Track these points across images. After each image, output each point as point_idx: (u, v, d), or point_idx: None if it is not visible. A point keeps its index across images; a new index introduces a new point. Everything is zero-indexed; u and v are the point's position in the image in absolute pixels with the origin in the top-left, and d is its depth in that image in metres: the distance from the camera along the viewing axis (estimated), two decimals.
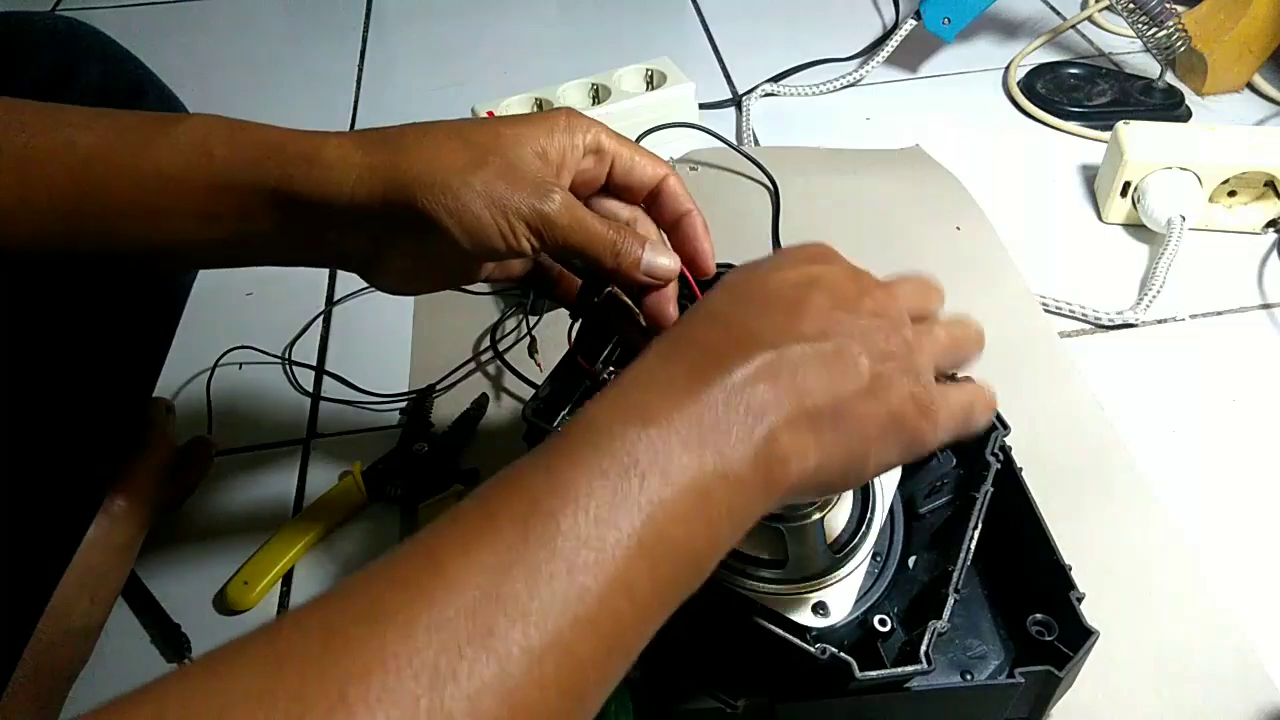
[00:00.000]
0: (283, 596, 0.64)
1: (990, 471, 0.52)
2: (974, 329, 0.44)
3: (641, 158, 0.45)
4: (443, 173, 0.39)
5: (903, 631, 0.48)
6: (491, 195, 0.39)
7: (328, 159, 0.39)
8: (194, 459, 0.69)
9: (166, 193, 0.39)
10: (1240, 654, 0.59)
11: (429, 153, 0.39)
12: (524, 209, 0.40)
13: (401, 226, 0.40)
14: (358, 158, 0.39)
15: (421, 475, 0.69)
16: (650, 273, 0.43)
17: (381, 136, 0.40)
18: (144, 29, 1.30)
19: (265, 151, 0.39)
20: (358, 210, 0.39)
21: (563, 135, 0.42)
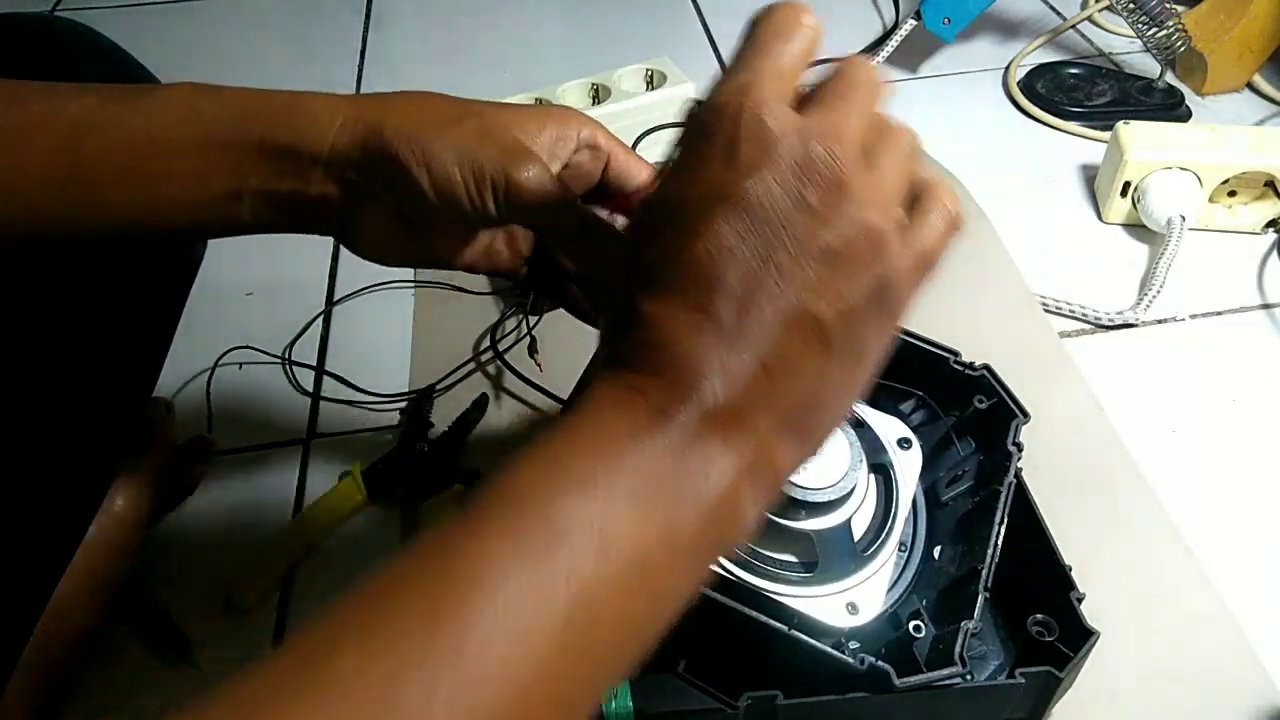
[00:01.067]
0: (282, 596, 0.64)
1: (1012, 463, 0.52)
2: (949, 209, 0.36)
3: (635, 162, 0.45)
4: (422, 125, 0.39)
5: (933, 627, 0.48)
6: (466, 150, 0.39)
7: (312, 108, 0.40)
8: (194, 459, 0.69)
9: (157, 154, 0.39)
10: (1240, 654, 0.59)
11: (413, 107, 0.40)
12: (496, 171, 0.39)
13: (377, 175, 0.40)
14: (343, 108, 0.40)
15: (421, 475, 0.69)
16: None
17: (371, 95, 0.42)
18: (144, 29, 1.30)
19: (252, 106, 0.40)
20: (337, 156, 0.40)
21: (555, 125, 0.43)
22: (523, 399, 0.76)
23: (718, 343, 0.29)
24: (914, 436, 0.54)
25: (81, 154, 0.39)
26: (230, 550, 0.66)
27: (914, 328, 0.58)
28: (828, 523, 0.49)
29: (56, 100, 0.40)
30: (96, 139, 0.39)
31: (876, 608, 0.48)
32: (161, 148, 0.39)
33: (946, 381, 0.57)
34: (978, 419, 0.56)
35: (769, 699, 0.46)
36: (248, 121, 0.40)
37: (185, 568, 0.65)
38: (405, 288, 0.86)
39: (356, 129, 0.40)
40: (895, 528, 0.50)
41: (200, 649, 0.61)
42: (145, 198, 0.40)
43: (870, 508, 0.51)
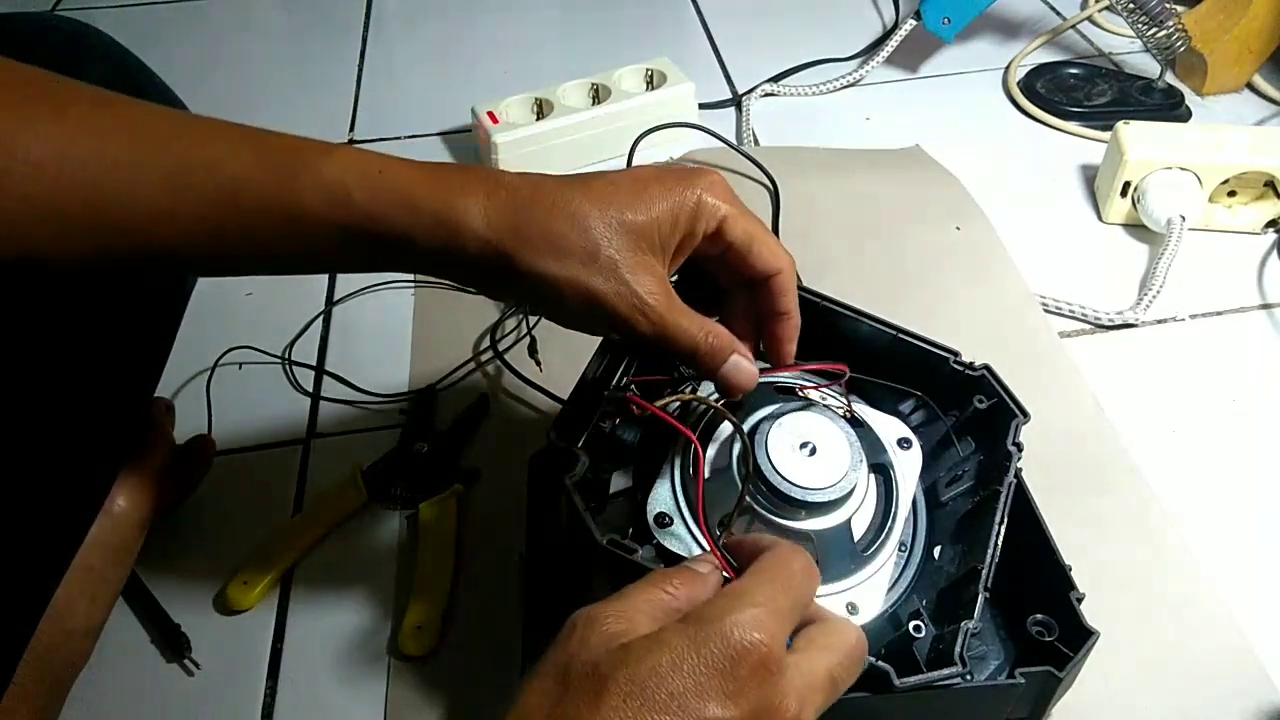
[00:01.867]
0: (282, 596, 0.64)
1: (1012, 463, 0.52)
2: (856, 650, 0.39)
3: (762, 248, 0.46)
4: (550, 276, 0.42)
5: (933, 627, 0.48)
6: (589, 303, 0.43)
7: (459, 225, 0.41)
8: (194, 459, 0.69)
9: (304, 232, 0.41)
10: (1240, 654, 0.59)
11: (548, 238, 0.42)
12: (625, 310, 0.43)
13: (521, 294, 0.44)
14: (484, 231, 0.42)
15: (421, 475, 0.69)
16: (728, 381, 0.47)
17: (510, 205, 0.42)
18: (144, 29, 1.30)
19: (401, 206, 0.41)
20: (479, 273, 0.43)
21: (688, 219, 0.44)
22: (523, 399, 0.76)
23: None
24: (914, 436, 0.54)
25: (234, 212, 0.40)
26: (230, 550, 0.66)
27: (914, 328, 0.58)
28: (828, 523, 0.49)
29: (221, 144, 0.40)
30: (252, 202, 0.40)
31: (876, 608, 0.48)
32: (308, 227, 0.41)
33: (946, 381, 0.57)
34: (978, 419, 0.56)
35: None
36: (395, 221, 0.41)
37: (185, 568, 0.65)
38: (405, 288, 0.86)
39: (498, 260, 0.42)
40: (895, 528, 0.50)
41: (200, 648, 0.61)
42: (286, 263, 0.43)
43: (870, 508, 0.51)
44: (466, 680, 0.59)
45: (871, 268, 0.85)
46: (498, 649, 0.59)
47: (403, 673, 0.59)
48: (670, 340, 0.44)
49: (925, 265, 0.85)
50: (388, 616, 0.62)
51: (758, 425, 0.50)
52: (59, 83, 0.40)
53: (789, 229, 0.88)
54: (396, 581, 0.64)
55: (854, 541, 0.49)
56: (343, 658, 0.61)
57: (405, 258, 0.43)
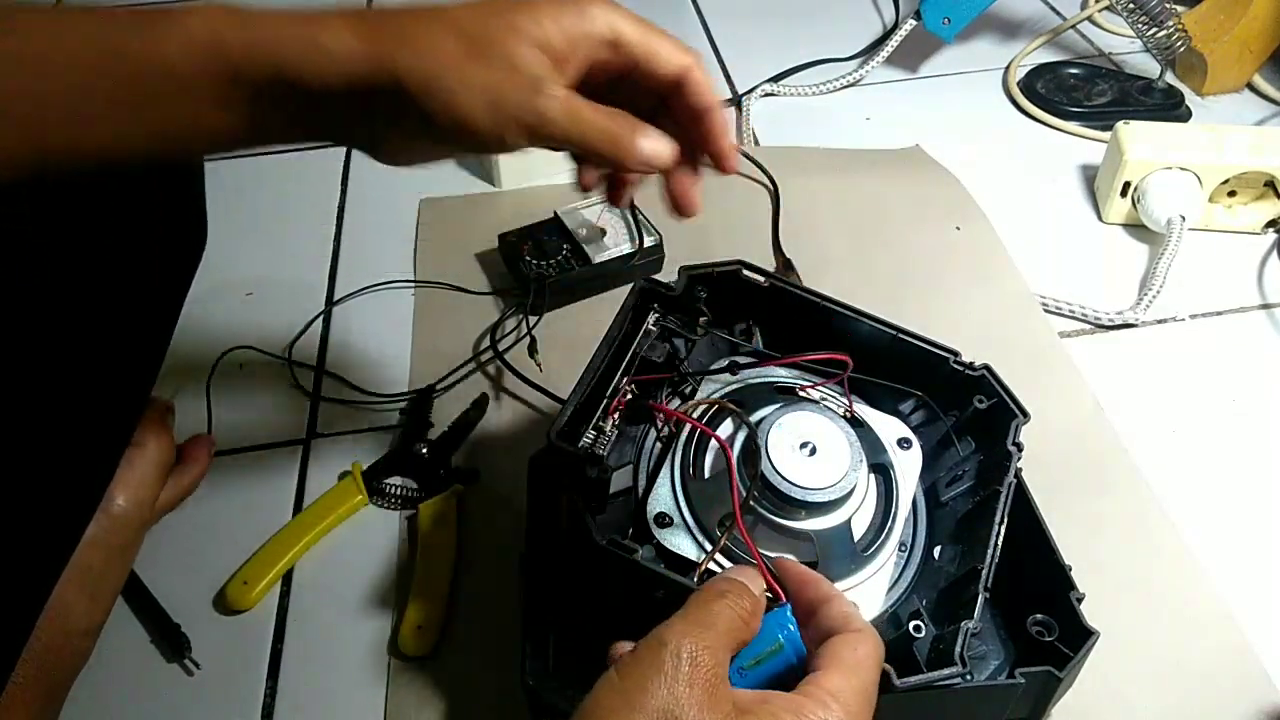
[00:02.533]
0: (282, 596, 0.64)
1: (1012, 463, 0.52)
2: None
3: (663, 47, 0.44)
4: (437, 65, 0.39)
5: (933, 627, 0.48)
6: (485, 94, 0.39)
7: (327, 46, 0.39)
8: (194, 458, 0.69)
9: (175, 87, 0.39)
10: (1240, 654, 0.59)
11: (426, 42, 0.40)
12: (514, 108, 0.40)
13: (398, 114, 0.40)
14: (355, 45, 0.39)
15: (421, 475, 0.69)
16: (648, 161, 0.43)
17: (382, 21, 0.40)
18: None
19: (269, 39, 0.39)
20: (356, 96, 0.40)
21: (573, 20, 0.42)
22: (523, 399, 0.76)
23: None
24: (914, 436, 0.54)
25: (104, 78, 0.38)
26: (230, 550, 0.66)
27: (914, 328, 0.58)
28: (828, 523, 0.49)
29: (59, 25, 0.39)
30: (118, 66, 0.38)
31: (876, 608, 0.48)
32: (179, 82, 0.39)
33: (946, 381, 0.57)
34: (978, 419, 0.56)
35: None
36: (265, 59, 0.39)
37: (185, 568, 0.65)
38: (405, 288, 0.86)
39: (374, 74, 0.39)
40: (895, 528, 0.50)
41: (200, 648, 0.61)
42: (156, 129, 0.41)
43: (870, 508, 0.51)
44: (466, 680, 0.59)
45: (871, 268, 0.85)
46: (498, 649, 0.59)
47: (403, 673, 0.59)
48: (580, 114, 0.41)
49: (925, 265, 0.85)
50: (388, 616, 0.62)
51: (758, 425, 0.50)
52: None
53: (789, 229, 0.88)
54: (396, 581, 0.64)
55: (854, 541, 0.49)
56: (343, 658, 0.61)
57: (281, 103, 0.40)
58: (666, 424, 0.53)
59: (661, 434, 0.54)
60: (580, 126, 0.41)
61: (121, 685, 0.60)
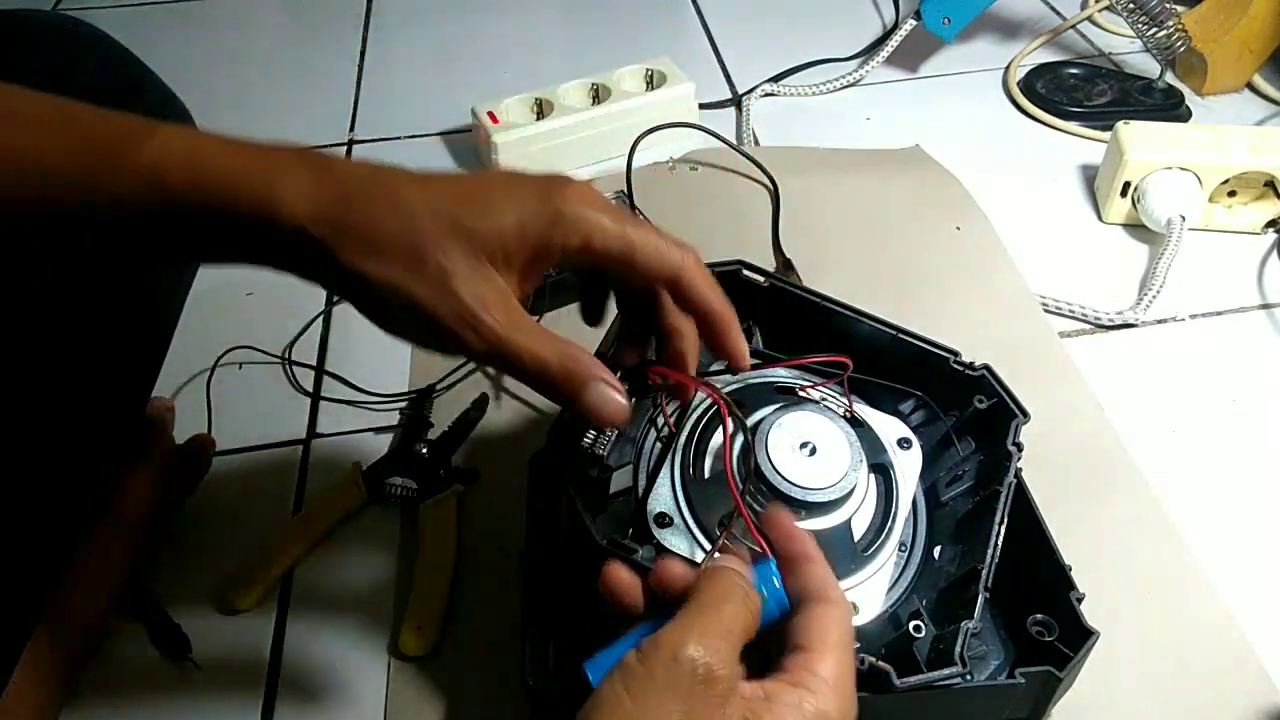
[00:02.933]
0: (283, 596, 0.64)
1: (1012, 463, 0.52)
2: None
3: (648, 251, 0.40)
4: (376, 269, 0.37)
5: (933, 627, 0.48)
6: (416, 316, 0.37)
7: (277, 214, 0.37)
8: (194, 458, 0.69)
9: (116, 216, 0.38)
10: (1240, 654, 0.59)
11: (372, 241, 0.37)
12: (446, 338, 0.38)
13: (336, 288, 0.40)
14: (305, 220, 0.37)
15: (421, 475, 0.69)
16: (593, 411, 0.40)
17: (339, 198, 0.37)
18: (144, 29, 1.30)
19: (219, 189, 0.37)
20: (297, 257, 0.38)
21: (538, 225, 0.38)
22: (523, 399, 0.76)
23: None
24: (914, 436, 0.54)
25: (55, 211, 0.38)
26: (230, 550, 0.66)
27: (914, 328, 0.58)
28: (828, 523, 0.49)
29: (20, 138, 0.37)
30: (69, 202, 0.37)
31: (876, 608, 0.48)
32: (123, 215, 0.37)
33: (946, 381, 0.57)
34: (978, 419, 0.56)
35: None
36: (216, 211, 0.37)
37: (185, 568, 0.65)
38: None
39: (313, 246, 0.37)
40: (895, 528, 0.50)
41: (200, 648, 0.61)
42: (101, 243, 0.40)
43: (870, 508, 0.51)
44: (466, 680, 0.59)
45: (871, 267, 0.85)
46: (498, 649, 0.59)
47: (403, 673, 0.59)
48: (511, 360, 0.38)
49: (925, 265, 0.85)
50: (388, 616, 0.62)
51: (758, 425, 0.50)
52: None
53: (789, 229, 0.88)
54: (396, 581, 0.64)
55: (854, 541, 0.49)
56: (343, 658, 0.61)
57: (223, 245, 0.39)
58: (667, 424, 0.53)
59: (661, 434, 0.54)
60: (514, 363, 0.38)
61: (121, 685, 0.60)
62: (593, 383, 0.39)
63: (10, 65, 0.54)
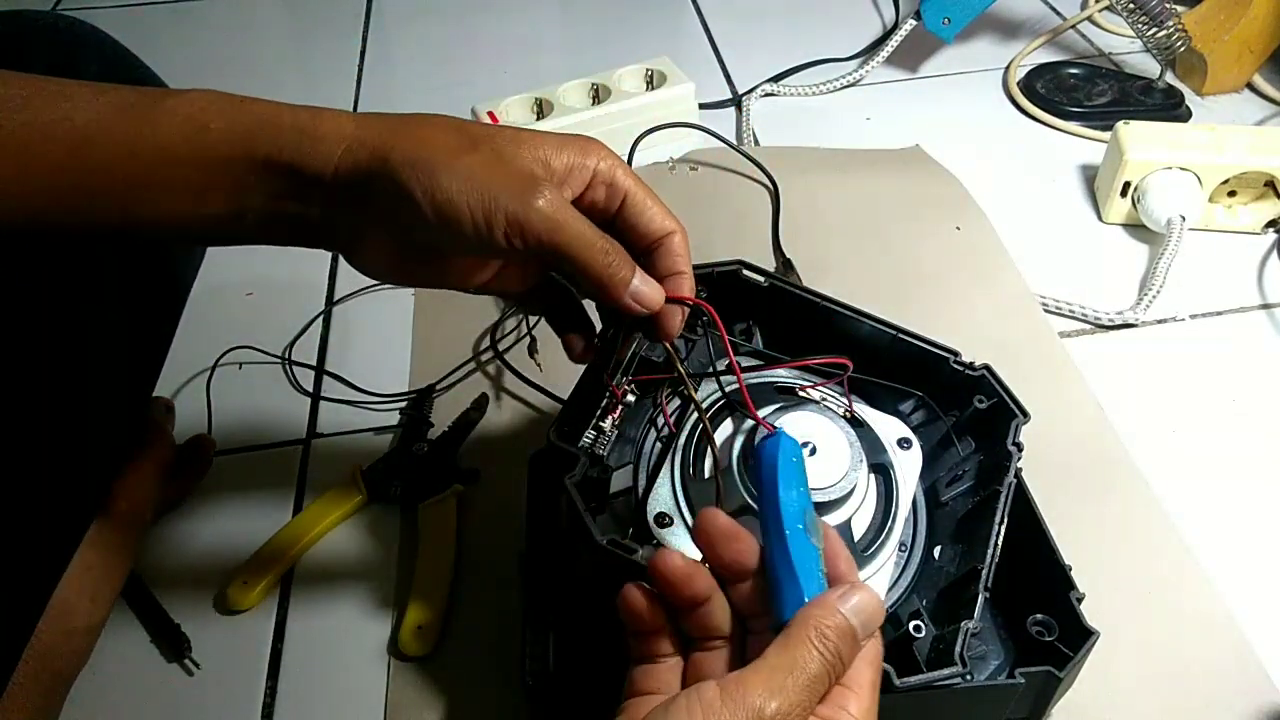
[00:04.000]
0: (282, 596, 0.64)
1: (1012, 463, 0.52)
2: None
3: (655, 206, 0.43)
4: (428, 151, 0.38)
5: (933, 627, 0.48)
6: (472, 180, 0.38)
7: (320, 131, 0.39)
8: (194, 458, 0.69)
9: (162, 167, 0.39)
10: (1240, 654, 0.59)
11: (423, 133, 0.39)
12: (504, 200, 0.38)
13: (380, 203, 0.39)
14: (350, 130, 0.39)
15: (421, 475, 0.69)
16: (636, 298, 0.42)
17: (381, 117, 0.40)
18: (144, 29, 1.30)
19: (261, 124, 0.39)
20: (340, 180, 0.39)
21: (573, 153, 0.41)
22: (523, 399, 0.76)
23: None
24: (914, 436, 0.54)
25: (86, 168, 0.38)
26: (230, 550, 0.66)
27: (914, 328, 0.58)
28: (828, 523, 0.48)
29: (64, 106, 0.39)
30: (102, 152, 0.38)
31: None
32: (167, 160, 0.39)
33: (946, 381, 0.57)
34: (978, 419, 0.56)
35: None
36: (253, 139, 0.39)
37: (185, 567, 0.65)
38: (405, 288, 0.86)
39: (361, 154, 0.39)
40: (895, 528, 0.50)
41: (200, 648, 0.61)
42: (147, 211, 0.40)
43: (870, 508, 0.51)
44: (466, 680, 0.59)
45: (871, 267, 0.85)
46: (498, 649, 0.59)
47: (403, 673, 0.59)
48: (571, 226, 0.39)
49: (925, 265, 0.85)
50: (388, 616, 0.62)
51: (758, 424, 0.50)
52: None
53: (789, 229, 0.88)
54: (396, 581, 0.64)
55: (854, 541, 0.49)
56: (343, 658, 0.61)
57: (265, 187, 0.39)
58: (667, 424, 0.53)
59: (661, 434, 0.54)
60: (570, 234, 0.39)
61: (121, 685, 0.60)
62: (637, 273, 0.42)
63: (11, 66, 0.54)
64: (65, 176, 0.38)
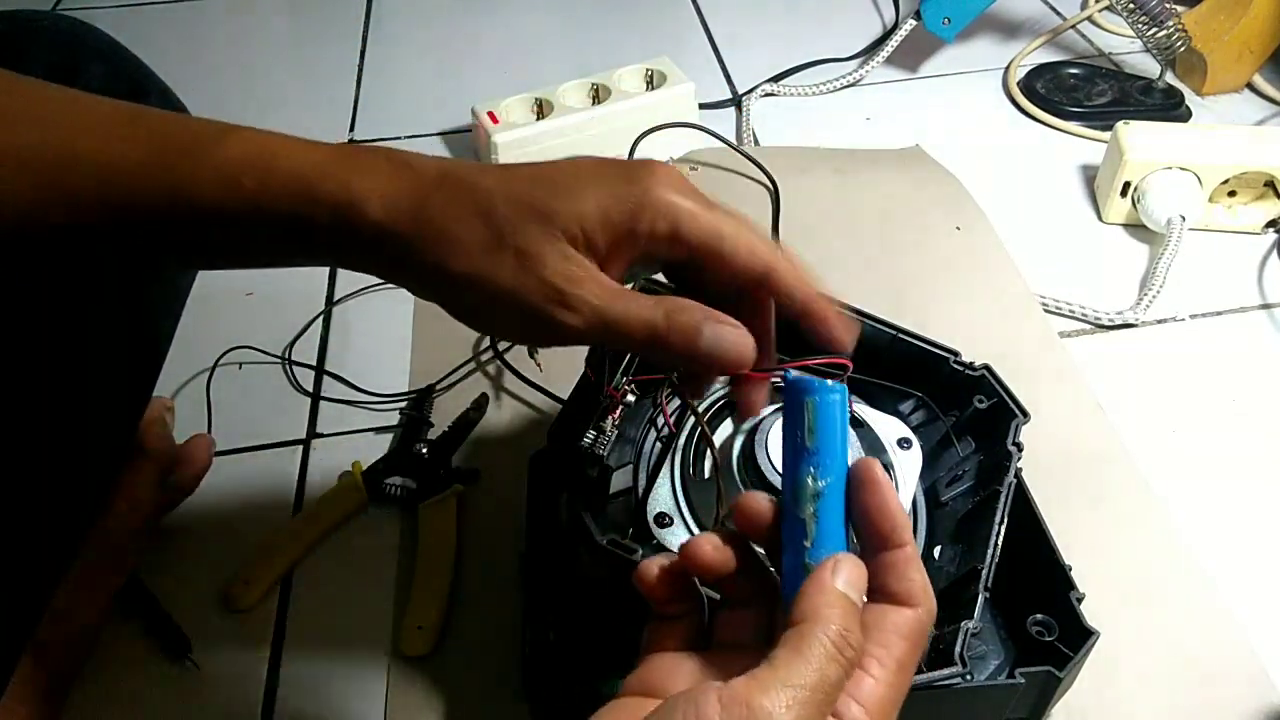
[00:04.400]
0: (282, 596, 0.64)
1: (1012, 463, 0.52)
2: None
3: (736, 244, 0.37)
4: (453, 259, 0.36)
5: (933, 627, 0.48)
6: (498, 292, 0.36)
7: (355, 214, 0.36)
8: (194, 458, 0.69)
9: (197, 222, 0.38)
10: (1240, 654, 0.59)
11: (444, 226, 0.36)
12: (535, 321, 0.36)
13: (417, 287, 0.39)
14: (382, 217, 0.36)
15: (421, 475, 0.69)
16: (716, 354, 0.36)
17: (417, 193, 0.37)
18: (144, 29, 1.30)
19: (296, 193, 0.37)
20: (376, 269, 0.38)
21: (623, 211, 0.36)
22: (523, 399, 0.76)
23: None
24: (914, 436, 0.54)
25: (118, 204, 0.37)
26: (230, 550, 0.66)
27: (914, 328, 0.58)
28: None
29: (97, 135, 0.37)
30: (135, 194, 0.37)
31: None
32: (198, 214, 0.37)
33: (946, 381, 0.57)
34: (978, 419, 0.56)
35: None
36: (292, 211, 0.37)
37: (185, 568, 0.65)
38: None
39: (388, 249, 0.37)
40: None
41: (200, 648, 0.61)
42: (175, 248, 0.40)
43: None
44: (466, 680, 0.59)
45: (871, 267, 0.85)
46: (498, 649, 0.59)
47: (403, 673, 0.59)
48: (617, 328, 0.36)
49: (925, 265, 0.85)
50: (388, 616, 0.62)
51: (758, 425, 0.50)
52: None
53: (789, 229, 0.88)
54: (396, 581, 0.64)
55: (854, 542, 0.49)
56: (343, 658, 0.61)
57: (302, 246, 0.38)
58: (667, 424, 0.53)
59: (661, 434, 0.54)
60: (620, 330, 0.36)
61: (121, 685, 0.60)
62: (706, 325, 0.36)
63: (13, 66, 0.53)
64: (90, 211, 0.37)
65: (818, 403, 0.34)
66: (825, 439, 0.34)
